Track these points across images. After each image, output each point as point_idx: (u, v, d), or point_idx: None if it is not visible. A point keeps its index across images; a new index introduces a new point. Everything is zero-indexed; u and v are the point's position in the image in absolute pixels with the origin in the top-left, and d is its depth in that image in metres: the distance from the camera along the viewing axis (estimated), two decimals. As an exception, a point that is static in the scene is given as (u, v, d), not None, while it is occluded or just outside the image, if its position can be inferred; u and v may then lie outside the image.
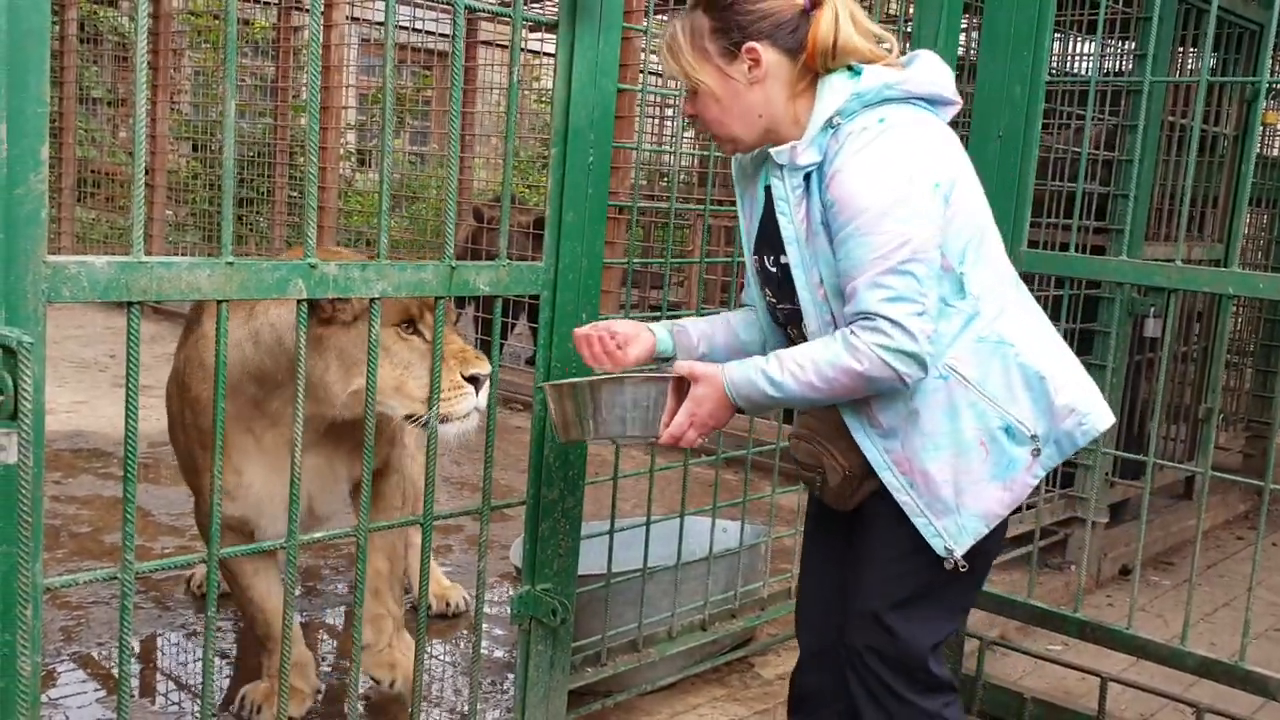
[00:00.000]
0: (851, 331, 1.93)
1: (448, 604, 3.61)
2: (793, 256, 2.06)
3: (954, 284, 2.01)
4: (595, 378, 2.17)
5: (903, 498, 2.06)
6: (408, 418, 2.43)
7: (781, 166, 2.04)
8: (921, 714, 2.17)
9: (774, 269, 2.17)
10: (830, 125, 2.00)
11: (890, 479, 2.06)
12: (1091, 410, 2.10)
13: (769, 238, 2.16)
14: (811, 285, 2.06)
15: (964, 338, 2.02)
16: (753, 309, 2.34)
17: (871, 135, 1.96)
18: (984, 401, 2.02)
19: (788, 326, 2.21)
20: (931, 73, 2.07)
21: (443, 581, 3.67)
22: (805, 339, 2.12)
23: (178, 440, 2.89)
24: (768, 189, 2.14)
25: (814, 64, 2.04)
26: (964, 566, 2.06)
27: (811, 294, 2.06)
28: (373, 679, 2.90)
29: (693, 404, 2.04)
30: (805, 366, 1.96)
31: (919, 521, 2.05)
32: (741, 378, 2.01)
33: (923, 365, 1.94)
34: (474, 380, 2.42)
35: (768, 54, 2.04)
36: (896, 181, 1.92)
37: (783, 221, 2.06)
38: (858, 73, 2.03)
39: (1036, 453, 2.05)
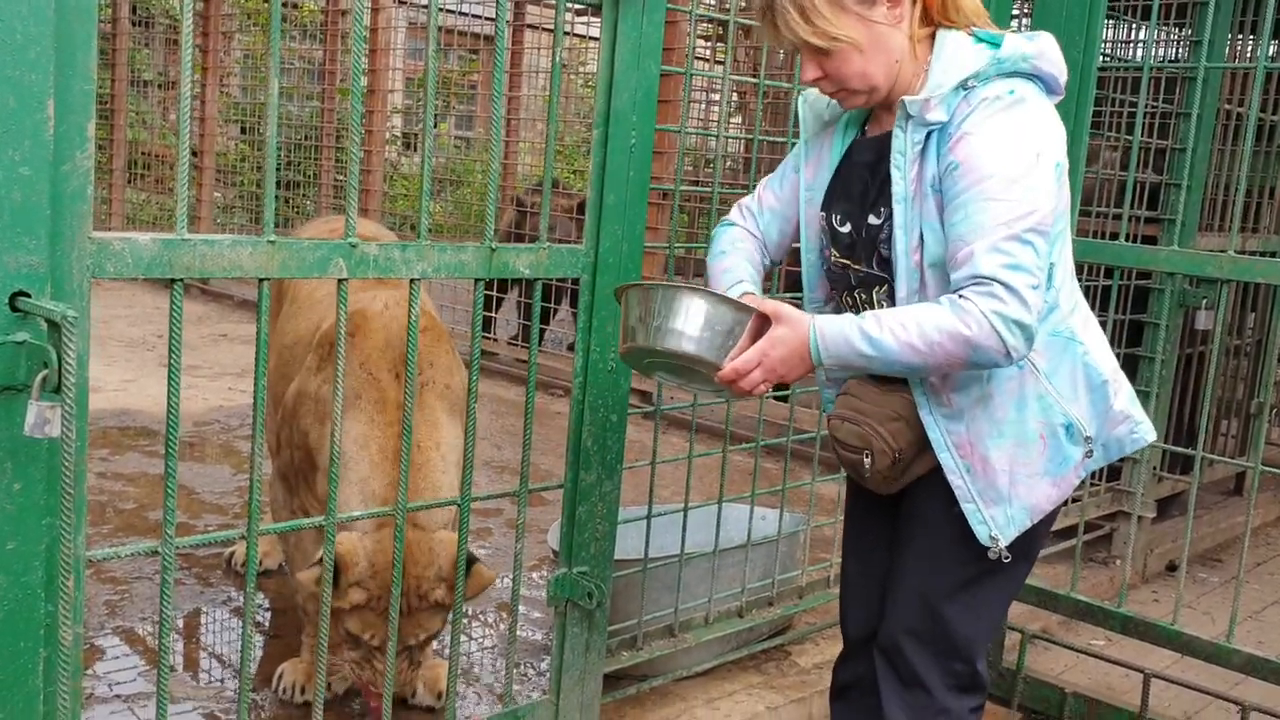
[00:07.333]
0: (961, 295, 1.83)
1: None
2: (898, 216, 1.97)
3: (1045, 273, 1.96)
4: (677, 283, 2.02)
5: (956, 480, 2.01)
6: None
7: (909, 118, 1.96)
8: (942, 712, 2.13)
9: (844, 228, 2.09)
10: (964, 87, 1.94)
11: (948, 460, 2.01)
12: (1143, 420, 2.10)
13: (845, 194, 2.09)
14: (909, 249, 1.97)
15: (1042, 329, 1.97)
16: (738, 229, 2.27)
17: (1004, 104, 1.90)
18: (1051, 395, 2.00)
19: (856, 290, 2.10)
20: (1060, 56, 2.02)
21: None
22: (872, 306, 2.05)
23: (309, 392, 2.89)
24: (857, 141, 2.08)
25: (934, 10, 1.99)
26: (1006, 557, 2.03)
27: (907, 259, 1.97)
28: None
29: (768, 343, 1.91)
30: (908, 326, 1.84)
31: (967, 507, 2.01)
32: (832, 330, 1.88)
33: (1030, 340, 1.85)
34: None
35: None
36: (1027, 153, 1.87)
37: (895, 176, 1.97)
38: (986, 39, 1.97)
39: (1089, 454, 2.04)
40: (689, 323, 1.93)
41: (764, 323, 1.94)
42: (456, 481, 2.74)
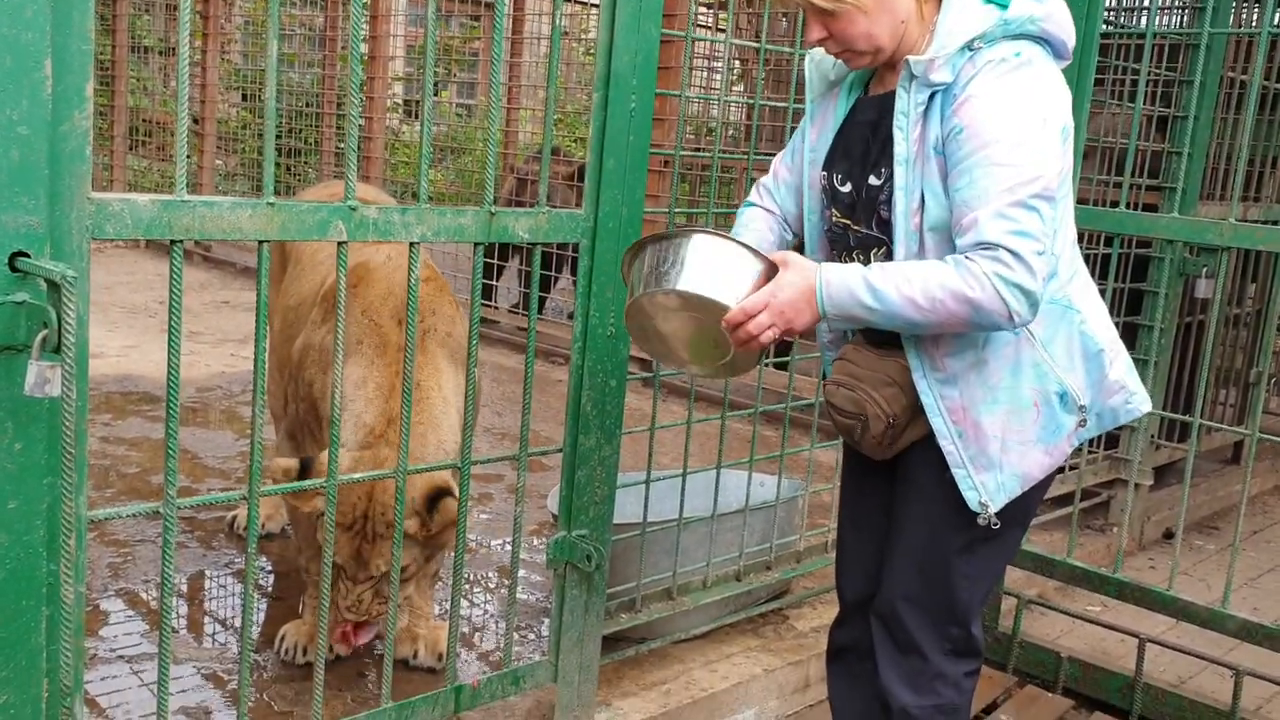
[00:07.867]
0: (967, 257, 1.83)
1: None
2: (899, 178, 1.96)
3: None
4: (690, 228, 1.99)
5: (948, 446, 2.02)
6: None
7: (913, 78, 1.94)
8: (938, 677, 2.15)
9: (845, 188, 2.08)
10: (969, 48, 1.92)
11: (940, 425, 2.02)
12: (1138, 391, 2.11)
13: (846, 153, 2.09)
14: (909, 212, 1.96)
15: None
16: (755, 209, 2.27)
17: (1010, 67, 1.89)
18: (1047, 363, 2.00)
19: (854, 251, 2.10)
20: (1069, 20, 2.00)
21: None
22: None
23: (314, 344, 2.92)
24: (860, 100, 2.08)
25: None
26: (995, 524, 2.03)
27: (906, 222, 1.96)
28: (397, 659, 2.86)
29: (776, 286, 1.91)
30: (913, 281, 1.84)
31: (958, 473, 2.02)
32: (837, 279, 1.89)
33: (1035, 306, 1.85)
34: None
35: None
36: (1033, 117, 1.86)
37: (898, 137, 1.96)
38: (994, 0, 1.96)
39: (1082, 423, 2.04)
40: (698, 264, 1.92)
41: (774, 272, 1.95)
42: (456, 424, 2.76)
